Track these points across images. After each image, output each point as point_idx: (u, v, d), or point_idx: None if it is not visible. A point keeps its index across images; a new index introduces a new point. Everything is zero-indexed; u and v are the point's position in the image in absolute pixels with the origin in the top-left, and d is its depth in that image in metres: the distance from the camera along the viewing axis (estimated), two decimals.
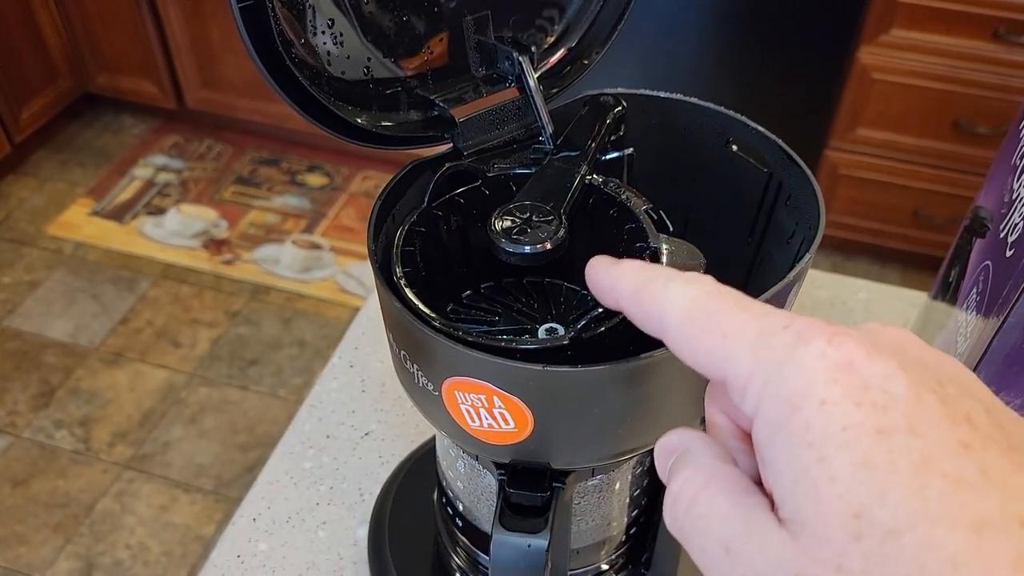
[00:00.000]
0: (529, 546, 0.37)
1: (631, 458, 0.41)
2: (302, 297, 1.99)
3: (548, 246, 0.35)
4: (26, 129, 2.22)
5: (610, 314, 0.34)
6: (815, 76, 1.73)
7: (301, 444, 0.60)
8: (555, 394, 0.33)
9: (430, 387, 0.35)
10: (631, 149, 0.42)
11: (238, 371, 1.84)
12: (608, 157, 0.42)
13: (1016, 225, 0.40)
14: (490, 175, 0.40)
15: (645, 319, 0.26)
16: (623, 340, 0.32)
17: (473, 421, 0.35)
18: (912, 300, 0.71)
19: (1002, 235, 0.42)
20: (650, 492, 0.46)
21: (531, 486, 0.38)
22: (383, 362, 0.66)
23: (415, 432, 0.61)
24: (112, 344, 1.89)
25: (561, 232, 0.36)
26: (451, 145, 0.41)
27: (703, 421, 0.26)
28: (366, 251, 0.36)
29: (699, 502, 0.22)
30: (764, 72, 1.74)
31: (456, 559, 0.49)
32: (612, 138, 0.42)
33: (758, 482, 0.22)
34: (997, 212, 0.45)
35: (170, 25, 2.16)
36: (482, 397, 0.34)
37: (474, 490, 0.44)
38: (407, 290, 0.35)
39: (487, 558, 0.48)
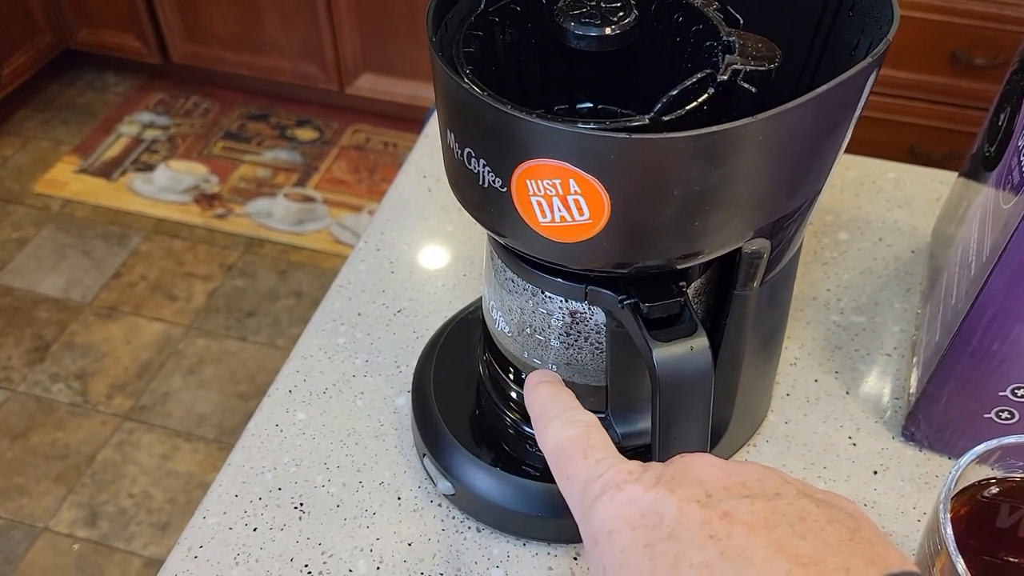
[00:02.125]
0: (692, 348, 0.36)
1: (693, 267, 0.40)
2: (297, 249, 1.97)
3: (617, 30, 0.34)
4: (7, 86, 2.17)
5: (688, 97, 0.33)
6: None
7: (333, 321, 0.59)
8: (635, 171, 0.31)
9: (498, 183, 0.34)
10: None
11: (235, 322, 1.82)
12: None
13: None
14: None
15: (540, 447, 0.34)
16: (704, 124, 0.31)
17: (544, 216, 0.34)
18: (942, 179, 0.70)
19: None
20: (706, 320, 0.45)
21: (663, 295, 0.37)
22: (410, 245, 0.65)
23: (448, 308, 0.60)
24: (105, 298, 1.86)
25: (630, 18, 0.34)
26: None
27: (771, 227, 0.34)
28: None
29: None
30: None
31: (508, 415, 0.48)
32: None
33: None
34: (1002, 160, 0.44)
35: None
36: (557, 183, 0.32)
37: (576, 340, 0.42)
38: (474, 80, 0.34)
39: None
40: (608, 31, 0.33)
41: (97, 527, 1.48)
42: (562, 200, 0.33)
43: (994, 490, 0.39)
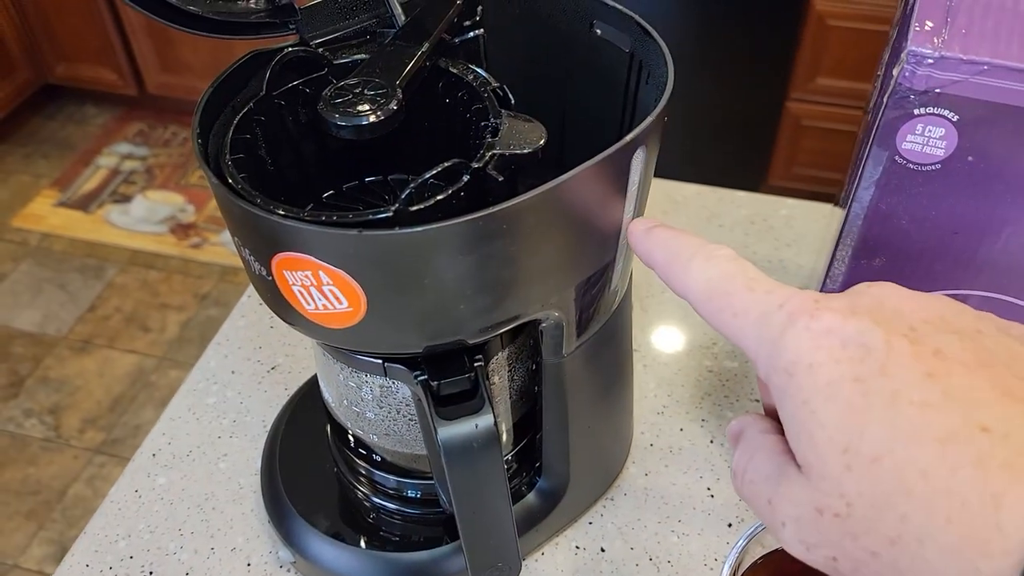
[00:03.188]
0: (477, 426, 0.36)
1: (493, 339, 0.40)
2: None
3: (381, 116, 0.34)
4: None
5: (437, 188, 0.33)
6: (773, 28, 1.71)
7: (206, 380, 0.59)
8: (379, 264, 0.32)
9: (263, 272, 0.34)
10: (482, 30, 0.41)
11: None
12: (462, 39, 0.41)
13: (874, 92, 0.39)
14: (336, 63, 0.39)
15: (674, 287, 0.30)
16: (458, 215, 0.31)
17: (308, 304, 0.34)
18: (825, 212, 0.70)
19: (867, 114, 0.41)
20: (530, 389, 0.45)
21: (454, 371, 0.37)
22: None
23: None
24: (80, 332, 1.88)
25: (393, 104, 0.34)
26: (298, 36, 0.39)
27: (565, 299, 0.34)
28: None
29: (748, 471, 0.27)
30: (722, 28, 1.73)
31: (355, 485, 0.48)
32: (467, 23, 0.41)
33: None
34: (872, 91, 0.44)
35: (125, 10, 2.13)
36: (308, 274, 0.32)
37: (389, 413, 0.43)
38: (235, 172, 0.34)
39: (392, 478, 0.47)
40: (368, 121, 0.34)
41: None
42: (319, 290, 0.33)
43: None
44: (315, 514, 0.47)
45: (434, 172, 0.33)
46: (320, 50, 0.39)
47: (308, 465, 0.50)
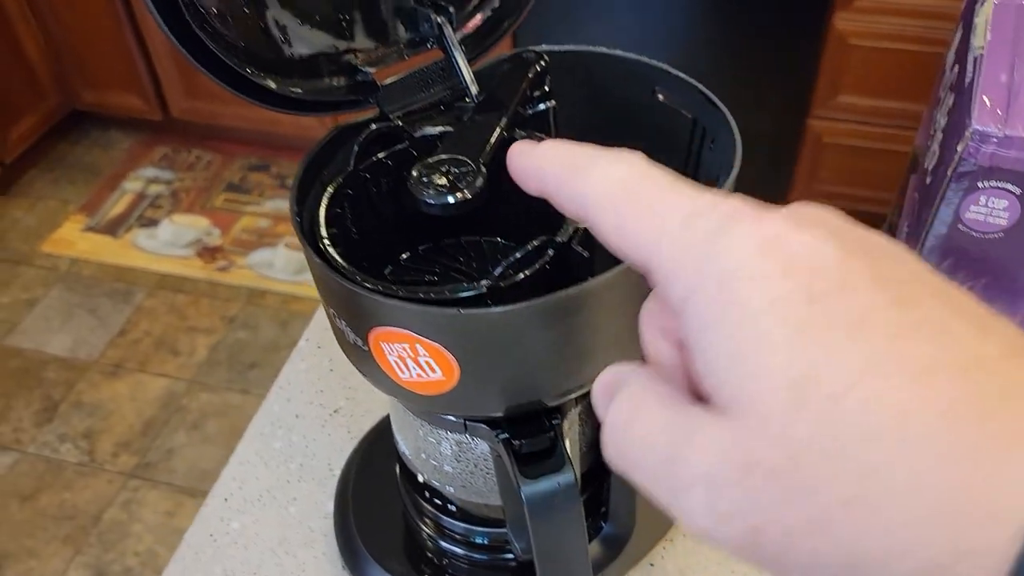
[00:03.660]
0: (559, 484, 0.37)
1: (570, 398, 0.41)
2: (297, 299, 2.00)
3: (468, 195, 0.36)
4: (15, 149, 2.24)
5: (528, 262, 0.35)
6: (793, 47, 1.73)
7: (271, 425, 0.61)
8: (474, 338, 0.33)
9: (359, 342, 0.36)
10: (553, 102, 0.43)
11: (238, 375, 1.85)
12: (533, 111, 0.43)
13: (934, 154, 0.41)
14: (416, 136, 0.41)
15: (569, 201, 0.24)
16: (543, 287, 0.33)
17: (403, 372, 0.36)
18: None
19: (925, 166, 0.42)
20: (598, 441, 0.47)
21: (534, 431, 0.38)
22: None
23: (383, 407, 0.62)
24: (111, 356, 1.90)
25: (479, 181, 0.36)
26: (377, 110, 0.41)
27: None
28: None
29: (634, 423, 0.21)
30: (742, 46, 1.74)
31: (424, 528, 0.50)
32: (536, 93, 0.43)
33: (695, 397, 0.21)
34: (924, 146, 0.45)
35: (151, 36, 2.17)
36: (406, 346, 0.34)
37: (466, 467, 0.44)
38: (331, 249, 0.36)
39: (461, 525, 0.49)
40: (455, 199, 0.36)
41: None
42: (414, 361, 0.35)
43: None
44: (388, 559, 0.49)
45: (524, 251, 0.35)
46: (399, 123, 0.41)
47: (379, 509, 0.52)
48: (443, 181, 0.36)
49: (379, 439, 0.56)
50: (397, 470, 0.52)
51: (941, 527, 0.16)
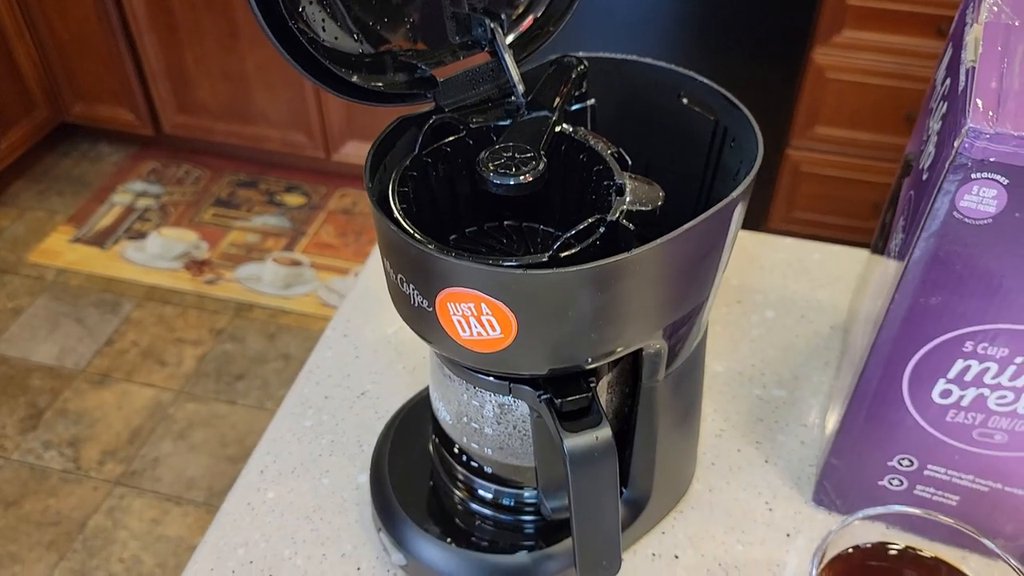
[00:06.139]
0: (597, 438, 0.42)
1: (601, 366, 0.46)
2: (285, 313, 2.03)
3: (530, 177, 0.41)
4: (3, 160, 2.25)
5: (583, 236, 0.40)
6: (773, 79, 1.80)
7: (301, 405, 0.65)
8: (534, 297, 0.38)
9: (425, 304, 0.40)
10: (593, 100, 0.48)
11: (225, 386, 1.87)
12: (574, 108, 0.47)
13: (929, 154, 0.46)
14: (472, 126, 0.46)
15: None
16: (597, 256, 0.38)
17: (464, 331, 0.40)
18: (859, 257, 0.77)
19: (921, 166, 0.48)
20: (621, 411, 0.51)
21: (574, 391, 0.43)
22: (375, 331, 0.71)
23: (407, 390, 0.66)
24: (98, 365, 1.91)
25: (541, 166, 0.41)
26: (433, 104, 0.46)
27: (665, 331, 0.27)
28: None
29: None
30: (725, 78, 1.81)
31: (456, 492, 0.54)
32: (576, 93, 0.48)
33: None
34: (918, 151, 0.51)
35: (145, 52, 2.20)
36: (471, 305, 0.39)
37: (506, 428, 0.48)
38: (404, 221, 0.40)
39: (492, 486, 0.53)
40: (521, 180, 0.40)
41: None
42: (477, 319, 0.39)
43: (857, 558, 0.45)
44: (425, 521, 0.53)
45: (579, 228, 0.39)
46: (453, 116, 0.46)
47: (413, 477, 0.56)
48: (508, 165, 0.41)
49: (409, 416, 0.59)
50: (431, 440, 0.56)
51: None
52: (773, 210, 1.99)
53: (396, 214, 0.40)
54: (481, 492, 0.53)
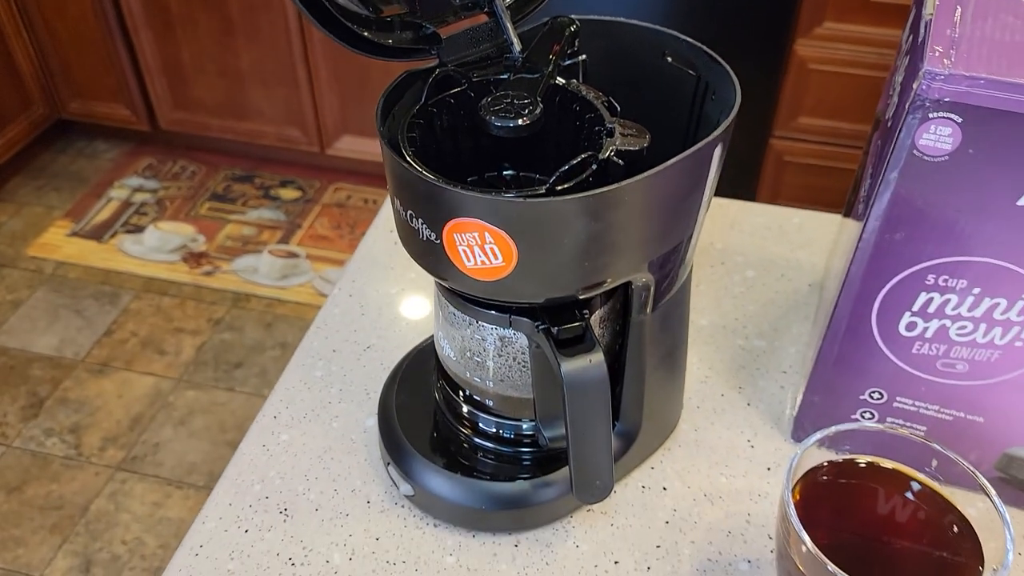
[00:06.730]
0: (591, 361, 0.45)
1: (593, 299, 0.50)
2: (282, 303, 2.06)
3: (528, 120, 0.45)
4: (1, 156, 2.28)
5: (577, 171, 0.43)
6: (757, 72, 1.85)
7: (311, 357, 0.68)
8: (533, 225, 0.42)
9: (433, 236, 0.44)
10: (584, 56, 0.52)
11: (224, 374, 1.90)
12: (567, 63, 0.51)
13: (894, 104, 0.50)
14: (474, 80, 0.50)
15: None
16: (590, 190, 0.42)
17: (469, 260, 0.44)
18: (835, 220, 0.81)
19: (886, 116, 0.52)
20: (612, 348, 0.55)
21: (570, 319, 0.46)
22: (378, 291, 0.75)
23: (410, 343, 0.69)
24: (97, 355, 1.94)
25: (538, 110, 0.45)
26: (437, 60, 0.50)
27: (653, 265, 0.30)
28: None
29: None
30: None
31: (461, 429, 0.58)
32: (569, 51, 0.52)
33: None
34: (884, 107, 0.55)
35: (142, 49, 2.24)
36: (475, 235, 0.42)
37: (506, 360, 0.52)
38: (414, 160, 0.44)
39: (493, 419, 0.56)
40: (520, 123, 0.44)
41: (91, 574, 1.54)
42: (481, 248, 0.43)
43: (829, 472, 0.49)
44: (431, 453, 0.56)
45: (573, 162, 0.43)
46: (455, 70, 0.50)
47: (418, 414, 0.60)
48: (508, 109, 0.45)
49: (415, 361, 0.63)
50: (435, 380, 0.60)
51: None
52: (758, 199, 2.03)
53: (409, 152, 0.44)
54: (483, 426, 0.57)
